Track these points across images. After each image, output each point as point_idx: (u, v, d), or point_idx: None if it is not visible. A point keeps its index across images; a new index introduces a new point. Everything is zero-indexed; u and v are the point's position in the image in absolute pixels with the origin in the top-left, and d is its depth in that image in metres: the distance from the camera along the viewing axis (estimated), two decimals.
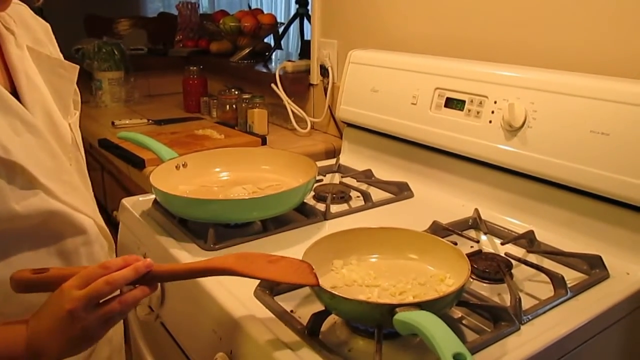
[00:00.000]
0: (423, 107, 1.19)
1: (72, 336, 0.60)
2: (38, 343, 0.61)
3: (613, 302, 0.77)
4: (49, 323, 0.61)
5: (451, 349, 0.52)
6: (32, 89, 0.70)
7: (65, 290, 0.61)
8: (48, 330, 0.61)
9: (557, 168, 0.95)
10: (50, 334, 0.61)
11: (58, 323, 0.60)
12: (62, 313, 0.60)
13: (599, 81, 0.93)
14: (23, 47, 0.73)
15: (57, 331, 0.60)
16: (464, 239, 0.92)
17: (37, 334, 0.61)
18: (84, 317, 0.60)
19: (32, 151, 0.66)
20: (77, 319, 0.60)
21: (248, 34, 2.08)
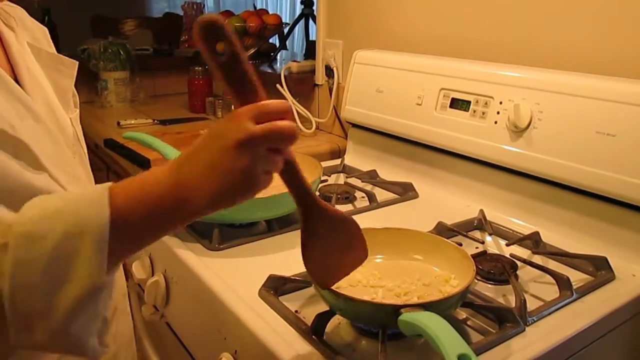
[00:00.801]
0: (428, 108, 1.19)
1: (230, 177, 0.49)
2: (187, 183, 0.50)
3: (619, 303, 0.77)
4: (206, 157, 0.50)
5: (456, 350, 0.52)
6: (34, 81, 0.70)
7: (238, 118, 0.50)
8: (203, 165, 0.50)
9: (562, 169, 0.94)
10: (205, 171, 0.50)
11: (219, 157, 0.49)
12: (227, 144, 0.49)
13: (604, 82, 0.92)
14: (23, 43, 0.73)
15: (214, 168, 0.49)
16: (469, 240, 0.92)
17: (186, 172, 0.51)
18: (253, 153, 0.49)
19: (36, 136, 0.66)
20: (245, 154, 0.49)
21: (253, 34, 2.08)
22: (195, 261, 0.87)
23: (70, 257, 0.46)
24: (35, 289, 0.45)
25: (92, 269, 0.46)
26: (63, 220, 0.47)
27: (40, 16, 2.21)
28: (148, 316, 0.99)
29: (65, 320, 0.46)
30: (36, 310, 0.46)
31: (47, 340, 0.46)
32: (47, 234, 0.46)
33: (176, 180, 0.51)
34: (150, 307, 0.98)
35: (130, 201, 0.50)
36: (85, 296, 0.46)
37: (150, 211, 0.50)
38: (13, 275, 0.45)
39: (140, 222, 0.50)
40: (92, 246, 0.46)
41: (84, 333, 0.48)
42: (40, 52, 0.76)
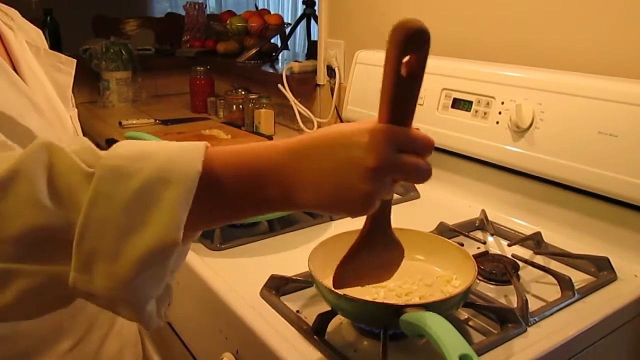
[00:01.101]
0: (430, 108, 1.19)
1: (348, 195, 0.46)
2: (300, 176, 0.46)
3: (621, 304, 0.77)
4: (332, 162, 0.46)
5: (457, 351, 0.52)
6: (34, 78, 0.71)
7: (384, 140, 0.46)
8: (326, 169, 0.46)
9: (564, 169, 0.94)
10: (325, 177, 0.46)
11: (347, 170, 0.45)
12: (363, 163, 0.45)
13: (607, 82, 0.92)
14: (22, 41, 0.74)
15: (337, 178, 0.46)
16: (471, 240, 0.92)
17: (305, 166, 0.46)
18: (383, 182, 0.46)
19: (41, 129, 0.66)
20: (375, 181, 0.45)
21: (255, 35, 2.08)
22: (196, 261, 0.87)
23: (153, 202, 0.42)
24: (110, 226, 0.42)
25: (171, 221, 0.42)
26: (153, 163, 0.43)
27: (41, 16, 2.22)
28: None
29: (130, 270, 0.42)
30: (104, 249, 0.42)
31: (105, 289, 0.42)
32: (135, 173, 0.42)
33: (291, 168, 0.47)
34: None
35: (227, 166, 0.46)
36: (157, 249, 0.42)
37: (245, 184, 0.46)
38: (90, 206, 0.41)
39: (229, 191, 0.46)
40: (177, 196, 0.42)
41: (145, 291, 0.44)
42: (39, 51, 0.76)
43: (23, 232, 0.41)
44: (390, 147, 0.46)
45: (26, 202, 0.41)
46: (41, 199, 0.41)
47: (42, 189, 0.42)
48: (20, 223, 0.41)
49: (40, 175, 0.42)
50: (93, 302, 0.45)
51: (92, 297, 0.44)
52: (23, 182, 0.41)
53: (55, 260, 0.43)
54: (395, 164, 0.46)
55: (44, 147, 0.43)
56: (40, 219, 0.41)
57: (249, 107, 1.72)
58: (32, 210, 0.41)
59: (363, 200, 0.46)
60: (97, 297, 0.43)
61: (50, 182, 0.42)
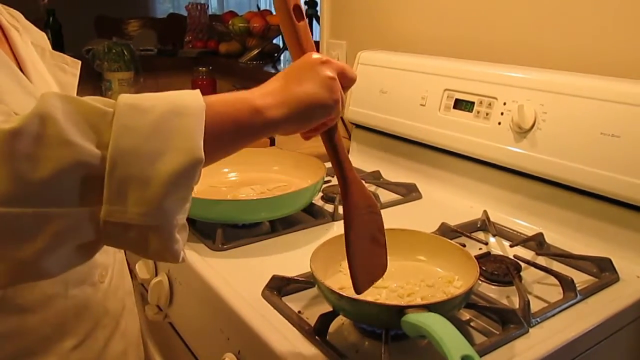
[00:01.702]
0: (432, 109, 1.19)
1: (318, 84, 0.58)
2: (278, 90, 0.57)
3: (623, 305, 0.77)
4: (294, 70, 0.59)
5: (459, 351, 0.52)
6: (40, 78, 0.71)
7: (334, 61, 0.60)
8: (290, 75, 0.58)
9: (567, 170, 0.94)
10: (294, 79, 0.58)
11: (309, 67, 0.59)
12: (316, 59, 0.59)
13: (609, 83, 0.92)
14: (27, 42, 0.74)
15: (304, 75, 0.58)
16: (473, 241, 0.92)
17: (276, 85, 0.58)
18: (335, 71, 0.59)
19: None
20: (331, 67, 0.59)
21: (257, 35, 2.09)
22: (198, 261, 0.87)
23: (172, 130, 0.47)
24: (138, 155, 0.45)
25: (192, 143, 0.47)
26: (164, 100, 0.48)
27: (44, 17, 2.22)
28: (151, 316, 0.99)
29: (161, 191, 0.45)
30: (135, 176, 0.45)
31: (139, 215, 0.45)
32: (151, 108, 0.47)
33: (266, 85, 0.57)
34: (153, 307, 0.98)
35: (220, 99, 0.54)
36: (184, 169, 0.46)
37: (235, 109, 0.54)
38: (116, 139, 0.44)
39: (225, 120, 0.53)
40: (192, 124, 0.47)
41: (175, 214, 0.47)
42: (44, 52, 0.76)
43: (56, 174, 0.43)
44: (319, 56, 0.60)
45: (57, 143, 0.43)
46: (70, 137, 0.43)
47: (70, 129, 0.43)
48: (53, 164, 0.43)
49: (64, 118, 0.44)
50: (122, 241, 0.47)
51: (125, 230, 0.46)
52: (50, 124, 0.43)
53: (87, 200, 0.45)
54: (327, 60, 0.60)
55: (57, 97, 0.45)
56: (72, 158, 0.43)
57: None
58: (64, 150, 0.43)
59: (326, 84, 0.58)
60: (131, 226, 0.46)
61: (75, 122, 0.44)
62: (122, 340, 0.81)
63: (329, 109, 0.59)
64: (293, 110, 0.56)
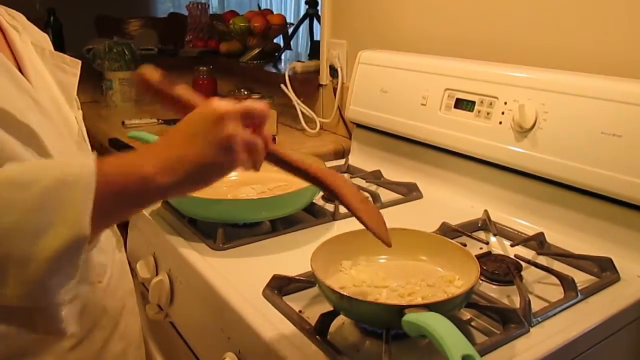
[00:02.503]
0: (433, 108, 1.19)
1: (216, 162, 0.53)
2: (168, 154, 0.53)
3: (624, 305, 0.77)
4: (188, 127, 0.54)
5: (460, 351, 0.52)
6: (39, 78, 0.71)
7: (230, 113, 0.54)
8: (184, 133, 0.53)
9: (567, 170, 0.94)
10: (187, 139, 0.53)
11: (202, 125, 0.53)
12: (210, 114, 0.53)
13: (610, 82, 0.92)
14: (27, 42, 0.74)
15: (197, 135, 0.53)
16: (474, 241, 0.91)
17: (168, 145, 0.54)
18: (234, 123, 0.53)
19: (43, 128, 0.66)
20: (227, 122, 0.53)
21: (258, 35, 2.08)
22: (199, 261, 0.87)
23: (57, 203, 0.45)
24: (19, 233, 0.44)
25: (77, 217, 0.45)
26: (52, 171, 0.47)
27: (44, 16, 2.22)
28: (152, 315, 0.99)
29: (43, 270, 0.44)
30: (15, 255, 0.43)
31: (18, 297, 0.44)
32: (35, 180, 0.45)
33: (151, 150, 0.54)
34: (154, 307, 0.98)
35: (112, 165, 0.51)
36: (68, 246, 0.44)
37: (128, 177, 0.51)
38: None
39: (118, 186, 0.50)
40: (79, 195, 0.45)
41: (57, 293, 0.46)
42: (43, 52, 0.76)
43: None
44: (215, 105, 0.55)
45: None
46: None
47: None
48: None
49: None
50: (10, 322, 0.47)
51: (10, 311, 0.46)
52: None
53: None
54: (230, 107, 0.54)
55: None
56: None
57: None
58: None
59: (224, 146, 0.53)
60: (11, 310, 0.45)
61: None
62: (121, 340, 0.81)
63: (226, 170, 0.55)
64: (182, 177, 0.53)
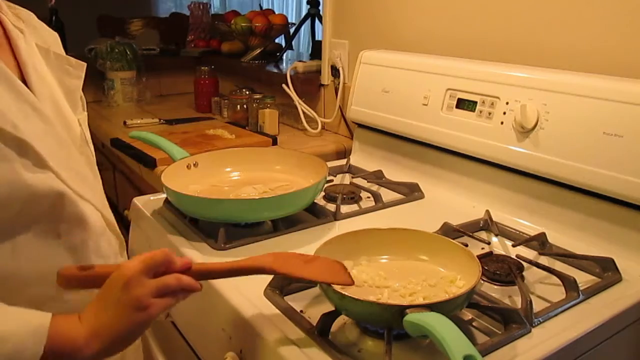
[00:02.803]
0: (434, 108, 1.19)
1: (134, 322, 0.59)
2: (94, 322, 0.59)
3: (625, 305, 0.77)
4: (103, 296, 0.60)
5: (461, 351, 0.52)
6: (41, 82, 0.71)
7: (132, 275, 0.59)
8: (102, 302, 0.60)
9: (569, 170, 0.94)
10: (103, 307, 0.60)
11: (112, 292, 0.59)
12: (116, 281, 0.59)
13: (612, 82, 0.92)
14: (32, 44, 0.74)
15: (111, 303, 0.59)
16: (475, 241, 0.91)
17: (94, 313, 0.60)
18: (138, 282, 0.59)
19: (41, 136, 0.66)
20: (132, 284, 0.59)
21: (259, 34, 2.09)
22: (201, 260, 0.87)
23: None
24: None
25: None
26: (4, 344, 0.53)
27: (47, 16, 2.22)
28: None
29: None
30: None
31: None
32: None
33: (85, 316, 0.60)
34: None
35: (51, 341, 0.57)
36: None
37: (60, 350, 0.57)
38: None
39: None
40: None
41: None
42: (48, 54, 0.76)
43: None
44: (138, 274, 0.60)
45: None
46: None
47: None
48: None
49: None
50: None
51: None
52: None
53: None
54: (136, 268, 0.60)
55: None
56: None
57: (253, 107, 1.72)
58: None
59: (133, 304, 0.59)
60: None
61: None
62: None
63: (146, 324, 0.61)
64: (108, 343, 0.59)
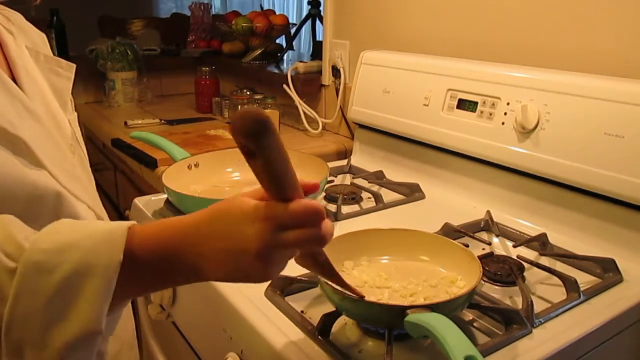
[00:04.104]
0: (435, 109, 1.19)
1: (244, 273, 0.50)
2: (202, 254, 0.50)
3: (626, 306, 0.77)
4: (226, 242, 0.49)
5: (462, 352, 0.52)
6: (32, 83, 0.71)
7: (265, 223, 0.48)
8: (222, 249, 0.49)
9: (570, 170, 0.94)
10: (222, 256, 0.49)
11: (237, 254, 0.49)
12: (248, 247, 0.48)
13: (613, 83, 0.92)
14: (22, 46, 0.74)
15: (232, 258, 0.49)
16: (476, 241, 0.91)
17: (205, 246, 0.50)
18: (270, 259, 0.49)
19: (35, 135, 0.66)
20: (263, 261, 0.49)
21: (260, 35, 2.09)
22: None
23: (74, 295, 0.46)
24: (33, 320, 0.46)
25: (91, 313, 0.46)
26: (75, 255, 0.47)
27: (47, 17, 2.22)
28: (154, 316, 0.99)
29: (58, 356, 0.46)
30: (30, 340, 0.46)
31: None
32: (56, 267, 0.46)
33: (196, 248, 0.50)
34: (156, 307, 0.98)
35: (145, 250, 0.50)
36: (80, 338, 0.46)
37: (161, 264, 0.50)
38: (14, 301, 0.46)
39: (147, 271, 0.50)
40: (97, 289, 0.46)
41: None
42: (38, 55, 0.76)
43: None
44: (270, 230, 0.48)
45: None
46: None
47: None
48: None
49: None
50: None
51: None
52: None
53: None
54: (277, 244, 0.48)
55: None
56: None
57: None
58: None
59: (261, 275, 0.50)
60: None
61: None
62: (115, 341, 0.81)
63: (264, 280, 0.53)
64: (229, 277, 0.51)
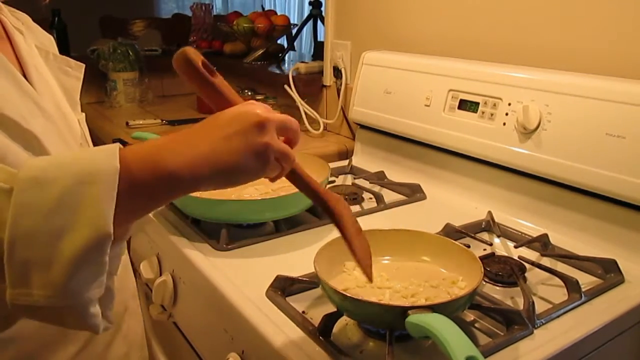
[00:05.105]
0: (436, 109, 1.19)
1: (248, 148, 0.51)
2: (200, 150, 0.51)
3: (628, 307, 0.76)
4: (226, 124, 0.52)
5: (464, 352, 0.52)
6: (43, 81, 0.71)
7: (271, 122, 0.53)
8: (221, 129, 0.51)
9: (572, 171, 0.94)
10: (224, 136, 0.51)
11: (242, 125, 0.51)
12: (252, 117, 0.52)
13: (614, 83, 0.92)
14: (32, 45, 0.74)
15: (235, 135, 0.51)
16: (477, 242, 0.91)
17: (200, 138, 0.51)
18: (273, 132, 0.53)
19: (47, 132, 0.66)
20: (268, 129, 0.52)
21: (261, 35, 2.09)
22: (203, 261, 0.87)
23: (78, 203, 0.43)
24: (37, 236, 0.43)
25: (99, 216, 0.44)
26: (72, 167, 0.45)
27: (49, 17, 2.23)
28: (156, 316, 0.99)
29: (67, 272, 0.43)
30: (36, 259, 0.43)
31: (45, 298, 0.43)
32: (55, 179, 0.44)
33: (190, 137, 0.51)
34: (157, 307, 0.98)
35: (137, 159, 0.49)
36: (90, 246, 0.43)
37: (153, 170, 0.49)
38: (14, 220, 0.43)
39: (144, 180, 0.49)
40: (101, 193, 0.44)
41: (85, 292, 0.44)
42: (47, 55, 0.77)
43: None
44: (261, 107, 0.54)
45: None
46: None
47: None
48: None
49: None
50: (37, 318, 0.46)
51: (35, 311, 0.44)
52: None
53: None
54: (272, 117, 0.54)
55: None
56: None
57: None
58: None
59: (259, 153, 0.52)
60: (39, 308, 0.44)
61: None
62: (124, 342, 0.81)
63: (254, 176, 0.55)
64: (210, 174, 0.51)
